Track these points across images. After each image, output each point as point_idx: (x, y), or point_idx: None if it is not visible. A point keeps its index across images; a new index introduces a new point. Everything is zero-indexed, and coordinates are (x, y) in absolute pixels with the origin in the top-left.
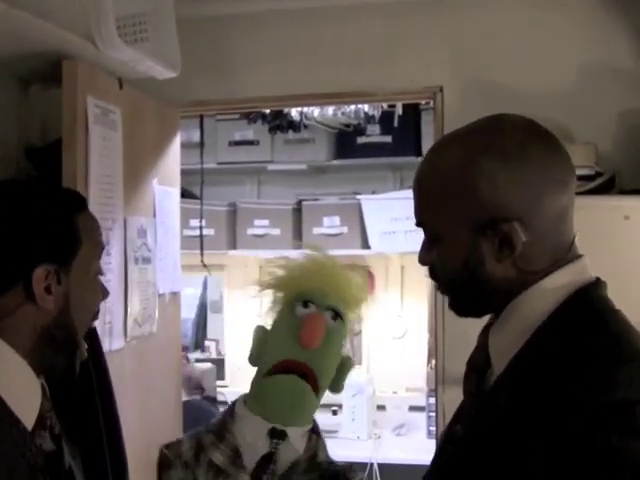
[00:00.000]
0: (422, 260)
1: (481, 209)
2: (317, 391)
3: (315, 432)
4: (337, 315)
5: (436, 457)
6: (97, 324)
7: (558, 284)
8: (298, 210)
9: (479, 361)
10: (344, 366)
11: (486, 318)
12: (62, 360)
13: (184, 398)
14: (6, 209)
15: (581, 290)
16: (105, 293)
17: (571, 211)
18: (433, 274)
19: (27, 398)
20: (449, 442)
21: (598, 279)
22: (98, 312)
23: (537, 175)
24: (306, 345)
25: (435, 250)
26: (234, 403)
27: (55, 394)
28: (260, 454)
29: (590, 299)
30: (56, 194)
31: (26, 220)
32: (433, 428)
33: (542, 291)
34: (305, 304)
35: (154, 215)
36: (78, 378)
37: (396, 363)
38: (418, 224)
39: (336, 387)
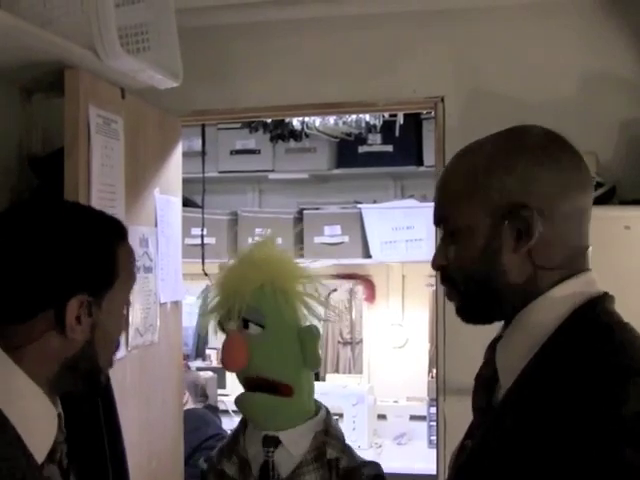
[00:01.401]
0: (438, 262)
1: (503, 197)
2: (288, 391)
3: (325, 430)
4: (248, 321)
5: (449, 474)
6: None
7: (565, 296)
8: (299, 219)
9: (487, 376)
10: (304, 340)
11: (487, 328)
12: (82, 389)
13: (191, 406)
14: (51, 232)
15: (588, 303)
16: (127, 325)
17: (588, 218)
18: (445, 276)
19: (42, 432)
20: (459, 458)
21: (606, 293)
22: (119, 343)
23: (558, 173)
24: (233, 371)
25: (453, 246)
26: None
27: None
28: (259, 463)
29: (597, 312)
30: (100, 221)
31: (69, 246)
32: (434, 437)
33: (549, 303)
34: (222, 328)
35: (156, 224)
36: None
37: (397, 372)
38: (437, 222)
39: (310, 363)
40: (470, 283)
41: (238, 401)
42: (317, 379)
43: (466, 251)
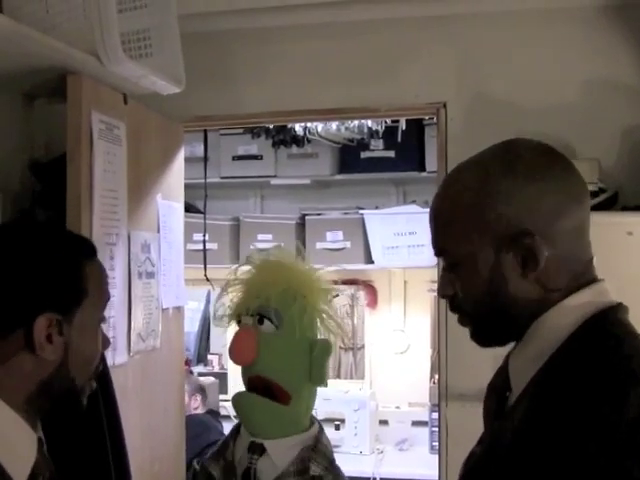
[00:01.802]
0: (444, 292)
1: (502, 225)
2: (285, 398)
3: (313, 445)
4: (264, 317)
5: None
6: None
7: (577, 306)
8: (301, 225)
9: (499, 384)
10: (315, 353)
11: None
12: (61, 410)
13: (202, 410)
14: (14, 252)
15: (600, 312)
16: (106, 343)
17: (588, 228)
18: (454, 305)
19: (21, 456)
20: (467, 465)
21: (620, 303)
22: (99, 364)
23: (553, 191)
24: (239, 364)
25: (457, 277)
26: None
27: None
28: (243, 469)
29: (609, 322)
30: (66, 240)
31: (33, 265)
32: (436, 443)
33: (561, 313)
34: (239, 322)
35: (158, 230)
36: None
37: (399, 378)
38: (438, 253)
39: (315, 378)
40: (481, 312)
41: (234, 399)
42: None
43: (471, 283)
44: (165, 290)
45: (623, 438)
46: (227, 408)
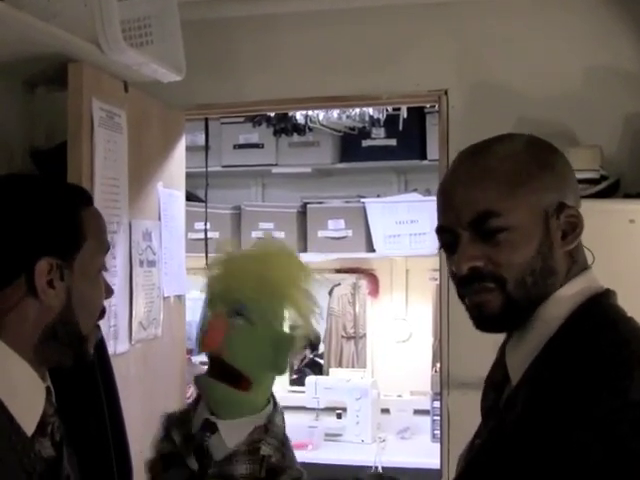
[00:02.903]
0: (474, 262)
1: (553, 192)
2: (246, 386)
3: (265, 426)
4: (237, 312)
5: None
6: (102, 327)
7: (571, 293)
8: (303, 213)
9: (497, 377)
10: (280, 345)
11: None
12: (68, 356)
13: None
14: (10, 201)
15: (592, 299)
16: (109, 291)
17: None
18: (484, 277)
19: (29, 403)
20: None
21: (608, 289)
22: (104, 310)
23: (574, 173)
24: (206, 348)
25: (504, 245)
26: None
27: (61, 393)
28: (196, 444)
29: (602, 307)
30: (61, 188)
31: (29, 212)
32: (438, 432)
33: (556, 301)
34: (212, 306)
35: (159, 218)
36: (84, 381)
37: (401, 366)
38: (478, 219)
39: (274, 368)
40: (524, 282)
41: (196, 381)
42: (321, 373)
43: (522, 249)
44: (166, 278)
45: (629, 420)
46: None
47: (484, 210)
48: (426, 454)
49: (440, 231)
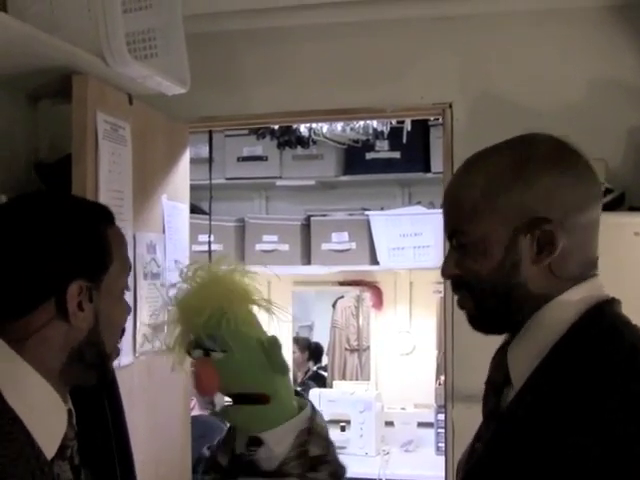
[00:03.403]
0: (449, 271)
1: (524, 209)
2: (264, 399)
3: (308, 428)
4: (209, 350)
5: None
6: None
7: (574, 300)
8: (307, 226)
9: (498, 380)
10: (267, 351)
11: (494, 338)
12: (92, 377)
13: (197, 412)
14: (39, 222)
15: (597, 306)
16: (129, 309)
17: (598, 229)
18: (459, 285)
19: (51, 426)
20: (469, 462)
21: (613, 297)
22: (124, 329)
23: (576, 185)
24: (207, 395)
25: (467, 257)
26: None
27: (80, 412)
28: (244, 461)
29: (606, 314)
30: (86, 207)
31: (60, 233)
32: (442, 444)
33: (559, 306)
34: (189, 353)
35: (163, 231)
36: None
37: (404, 379)
38: (451, 234)
39: (277, 370)
40: (487, 293)
41: (223, 413)
42: (324, 386)
43: (483, 264)
44: (171, 291)
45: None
46: None
47: (452, 229)
48: (430, 467)
49: None
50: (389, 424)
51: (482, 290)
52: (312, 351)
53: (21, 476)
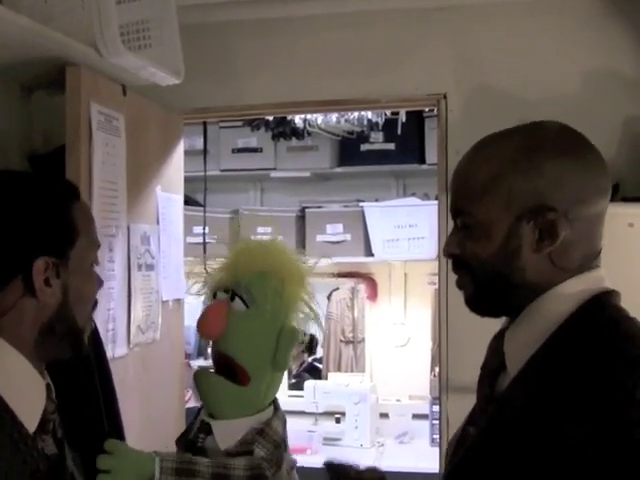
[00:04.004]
0: (451, 250)
1: (529, 195)
2: (245, 379)
3: (261, 430)
4: (236, 295)
5: (449, 461)
6: (100, 331)
7: (574, 291)
8: (301, 217)
9: (493, 365)
10: (282, 339)
11: (491, 326)
12: (66, 350)
13: (190, 405)
14: (2, 200)
15: (596, 297)
16: (100, 283)
17: (604, 221)
18: (459, 264)
19: (30, 400)
20: (462, 445)
21: (613, 290)
22: (97, 302)
23: (585, 176)
24: (204, 336)
25: (469, 238)
26: None
27: (58, 390)
28: (194, 448)
29: (604, 306)
30: (50, 184)
31: (23, 211)
32: (437, 436)
33: (558, 296)
34: (214, 295)
35: (157, 222)
36: (82, 384)
37: (399, 371)
38: (455, 214)
39: (276, 363)
40: (487, 276)
41: (195, 376)
42: (319, 377)
43: (484, 246)
44: (165, 282)
45: (636, 419)
46: None
47: (458, 209)
48: (425, 458)
49: None
50: (384, 416)
51: (482, 272)
52: (307, 343)
53: (6, 449)
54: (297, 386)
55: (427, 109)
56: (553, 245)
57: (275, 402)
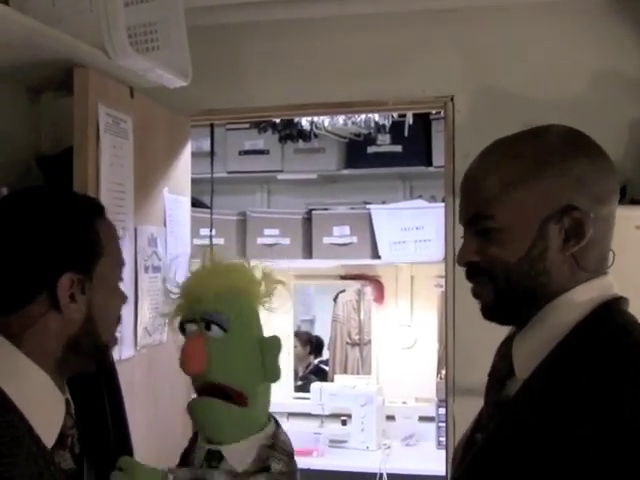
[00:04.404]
0: (468, 258)
1: (556, 195)
2: (242, 400)
3: (272, 444)
4: (211, 323)
5: (456, 467)
6: None
7: (584, 297)
8: (308, 219)
9: (501, 371)
10: (266, 350)
11: (497, 329)
12: (90, 365)
13: None
14: (28, 217)
15: (605, 304)
16: (125, 299)
17: (614, 224)
18: (478, 272)
19: (49, 415)
20: (469, 451)
21: (622, 296)
22: (120, 317)
23: (605, 177)
24: (191, 374)
25: (494, 244)
26: None
27: (79, 406)
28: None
29: (614, 313)
30: (75, 201)
31: (49, 227)
32: (443, 438)
33: (568, 303)
34: (182, 329)
35: (164, 224)
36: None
37: (406, 373)
38: (473, 219)
39: (269, 375)
40: (513, 282)
41: (189, 407)
42: (325, 380)
43: (511, 250)
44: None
45: None
46: None
47: (477, 212)
48: (431, 461)
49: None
50: (390, 418)
51: (506, 278)
52: (313, 345)
53: (23, 462)
54: (303, 388)
55: (434, 111)
56: (579, 245)
57: (269, 415)
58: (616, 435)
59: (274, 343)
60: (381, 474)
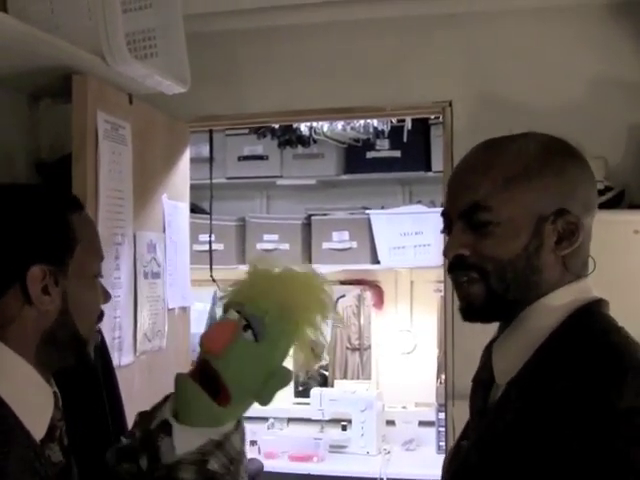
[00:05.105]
0: (458, 249)
1: (554, 196)
2: (225, 402)
3: (219, 442)
4: (250, 327)
5: (443, 475)
6: (107, 339)
7: (561, 301)
8: (307, 225)
9: (484, 378)
10: (274, 378)
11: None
12: (69, 359)
13: None
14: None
15: (584, 307)
16: (107, 296)
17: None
18: (465, 266)
19: (38, 408)
20: (455, 459)
21: (601, 299)
22: (102, 314)
23: (591, 184)
24: (205, 350)
25: (489, 239)
26: None
27: (65, 399)
28: (150, 443)
29: (593, 316)
30: (48, 195)
31: (18, 219)
32: (443, 443)
33: (546, 308)
34: (225, 311)
35: (164, 230)
36: (89, 392)
37: (405, 378)
38: (467, 210)
39: (259, 398)
40: (505, 277)
41: (176, 379)
42: (325, 385)
43: (508, 246)
44: (171, 290)
45: (620, 425)
46: None
47: (474, 202)
48: (431, 465)
49: (442, 215)
50: (390, 423)
51: (501, 275)
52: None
53: (15, 455)
54: (303, 393)
55: (433, 116)
56: (571, 247)
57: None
58: (597, 438)
59: (286, 376)
60: (381, 479)
